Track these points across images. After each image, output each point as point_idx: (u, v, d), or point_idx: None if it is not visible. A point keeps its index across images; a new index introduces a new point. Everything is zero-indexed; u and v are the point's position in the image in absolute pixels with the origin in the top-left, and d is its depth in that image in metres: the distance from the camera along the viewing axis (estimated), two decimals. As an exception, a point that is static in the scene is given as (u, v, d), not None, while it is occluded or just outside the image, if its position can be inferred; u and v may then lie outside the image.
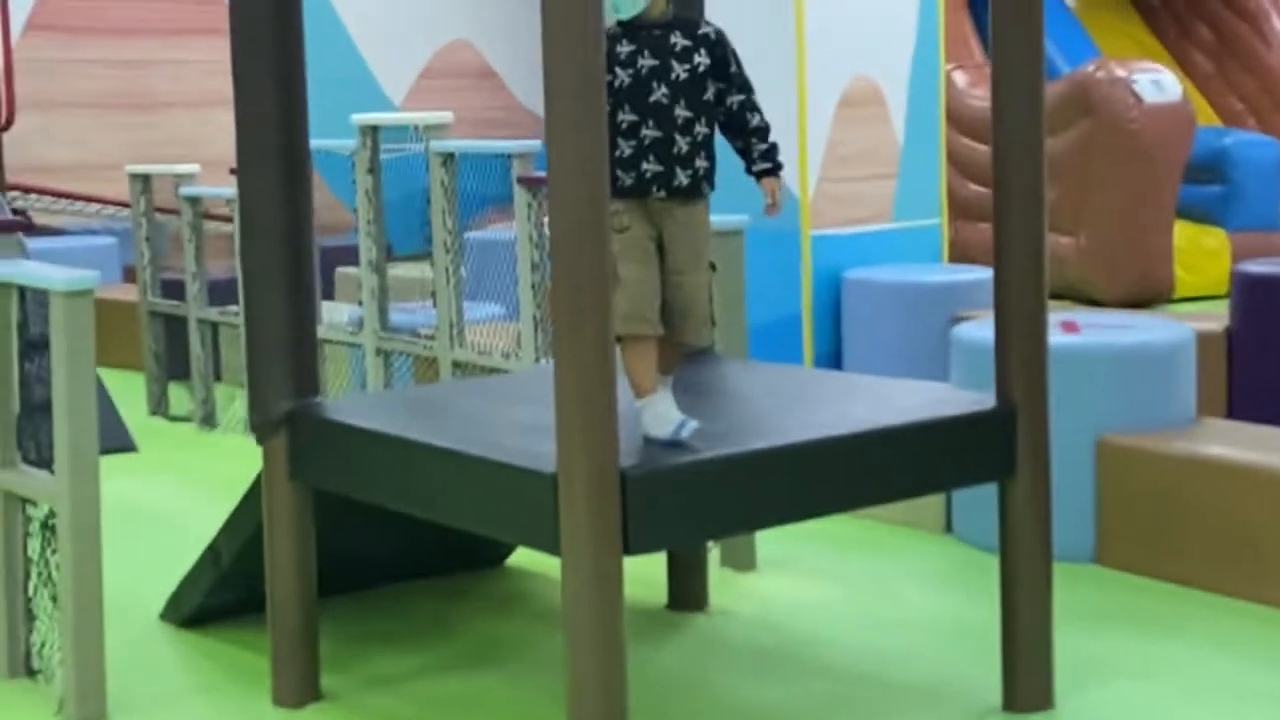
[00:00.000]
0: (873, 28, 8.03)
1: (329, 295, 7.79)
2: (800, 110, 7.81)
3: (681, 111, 3.64)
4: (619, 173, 3.59)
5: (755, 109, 3.74)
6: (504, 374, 5.20)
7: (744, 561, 5.17)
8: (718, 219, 5.00)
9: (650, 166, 3.62)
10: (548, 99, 3.22)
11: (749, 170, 3.78)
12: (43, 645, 4.31)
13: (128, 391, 7.96)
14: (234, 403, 7.32)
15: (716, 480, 3.45)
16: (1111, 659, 4.31)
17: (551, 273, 3.27)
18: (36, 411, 4.21)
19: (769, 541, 5.27)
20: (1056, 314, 5.83)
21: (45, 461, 4.17)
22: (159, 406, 7.89)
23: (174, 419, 7.78)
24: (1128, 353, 5.11)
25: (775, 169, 3.77)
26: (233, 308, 7.23)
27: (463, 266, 6.16)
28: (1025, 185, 3.82)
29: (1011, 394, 3.87)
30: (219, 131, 10.95)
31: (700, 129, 3.66)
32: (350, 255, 7.00)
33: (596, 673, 3.29)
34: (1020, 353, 3.86)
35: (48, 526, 4.21)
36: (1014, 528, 3.89)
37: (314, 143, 6.71)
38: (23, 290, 4.23)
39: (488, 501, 3.53)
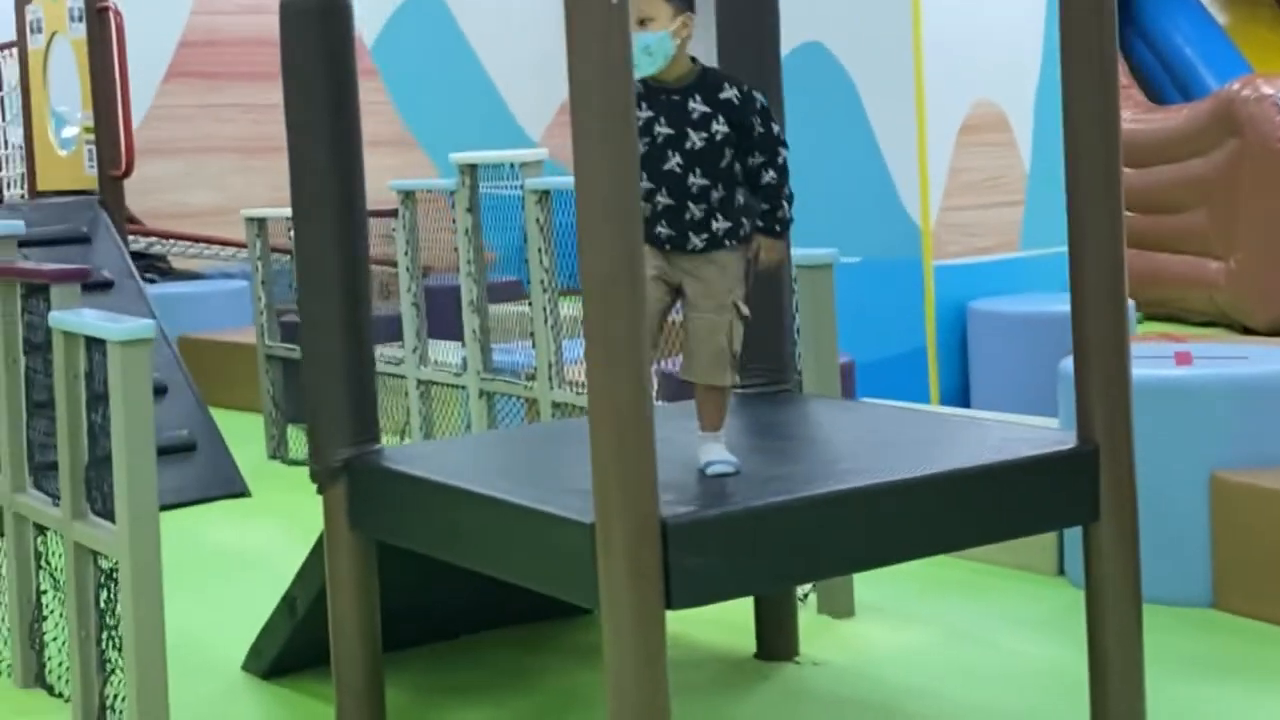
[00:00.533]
0: (995, 51, 7.81)
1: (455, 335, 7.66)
2: (920, 137, 7.61)
3: (696, 180, 3.52)
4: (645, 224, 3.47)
5: (771, 167, 3.57)
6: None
7: (841, 607, 4.98)
8: (805, 253, 4.86)
9: (663, 230, 3.54)
10: (575, 143, 3.09)
11: (753, 227, 3.64)
12: (116, 697, 4.26)
13: (248, 434, 7.98)
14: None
15: (766, 528, 3.28)
16: (1218, 711, 4.06)
17: (584, 320, 3.13)
18: (103, 463, 4.17)
19: (868, 585, 5.08)
20: (1171, 345, 5.58)
21: (109, 513, 4.12)
22: (277, 450, 7.88)
23: (291, 463, 7.76)
24: (1243, 384, 4.84)
25: (768, 230, 3.61)
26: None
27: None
28: (1100, 208, 3.61)
29: (1093, 432, 3.65)
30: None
31: (717, 194, 3.54)
32: (497, 292, 6.82)
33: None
34: (1101, 388, 3.64)
35: (112, 578, 4.16)
36: (1100, 575, 3.66)
37: (414, 182, 6.69)
38: (89, 340, 4.19)
39: (528, 552, 3.40)
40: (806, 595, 5.05)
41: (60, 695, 4.59)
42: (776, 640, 4.61)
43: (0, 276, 4.71)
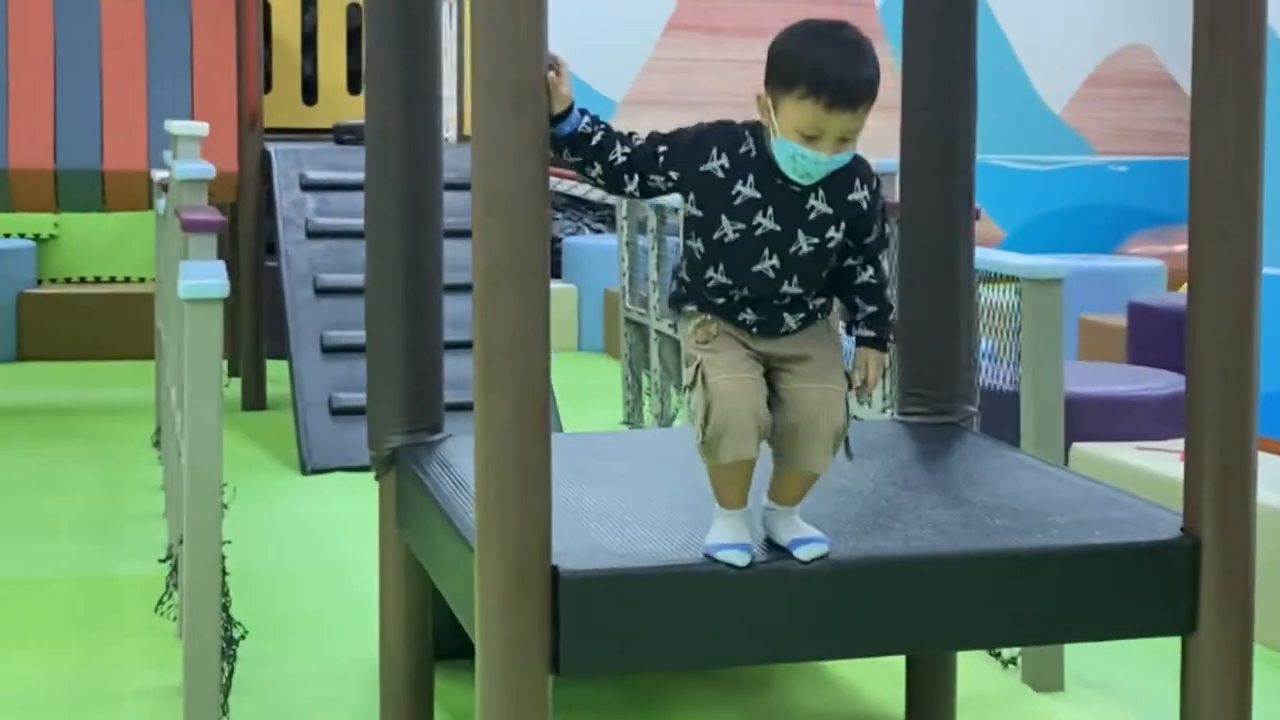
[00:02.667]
0: None
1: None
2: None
3: (790, 289, 2.81)
4: (705, 294, 2.83)
5: (873, 264, 2.87)
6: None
7: (1048, 679, 4.26)
8: (1032, 262, 4.18)
9: (748, 317, 2.82)
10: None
11: (848, 330, 2.93)
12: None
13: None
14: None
15: (689, 595, 2.72)
16: None
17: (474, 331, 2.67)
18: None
19: (1089, 657, 4.33)
20: None
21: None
22: (631, 416, 7.63)
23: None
24: None
25: (877, 340, 2.90)
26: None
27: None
28: (1225, 255, 2.82)
29: (1198, 525, 2.87)
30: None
31: (811, 301, 2.84)
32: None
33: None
34: (1215, 468, 2.86)
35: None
36: (1194, 696, 2.89)
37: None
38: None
39: (456, 579, 2.97)
40: (1014, 659, 4.35)
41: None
42: (925, 708, 3.96)
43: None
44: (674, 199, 3.15)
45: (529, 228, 2.64)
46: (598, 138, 2.78)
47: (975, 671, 4.31)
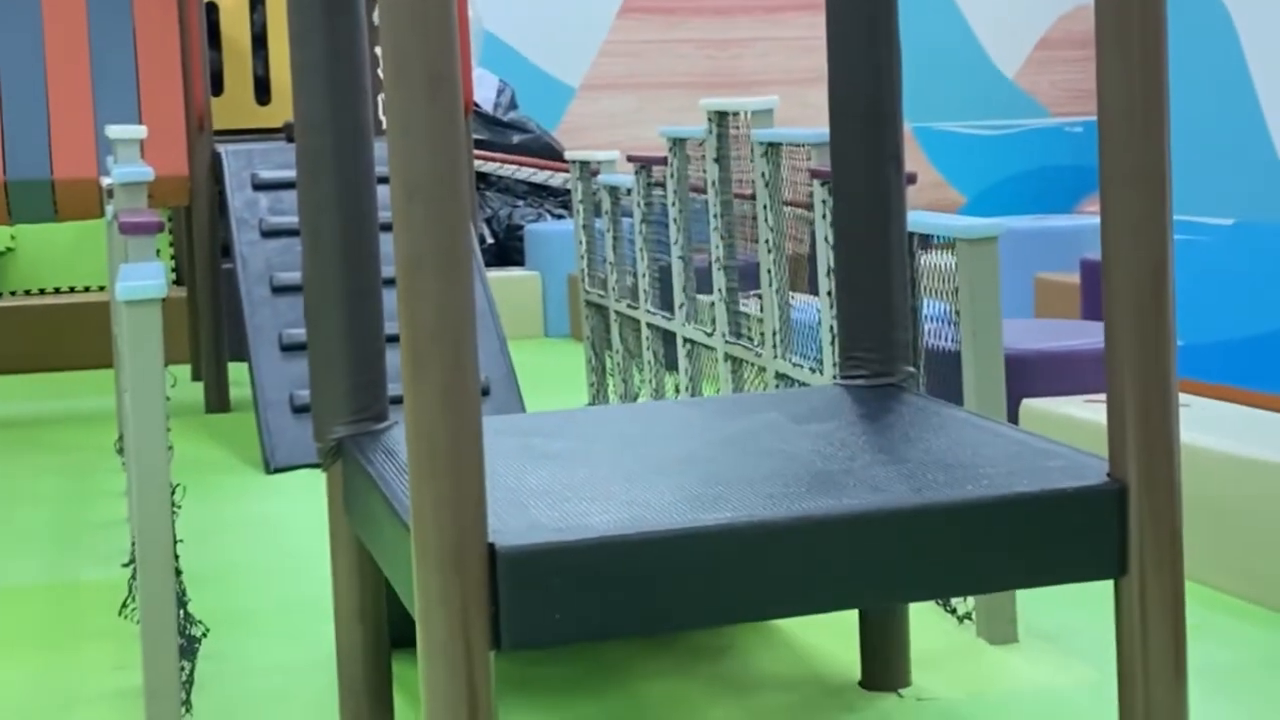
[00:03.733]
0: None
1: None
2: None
3: None
4: None
5: None
6: (794, 389, 4.54)
7: (1002, 632, 4.31)
8: (967, 222, 4.24)
9: None
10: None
11: None
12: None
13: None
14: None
15: (627, 565, 2.76)
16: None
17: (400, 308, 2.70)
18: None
19: (1043, 609, 4.38)
20: None
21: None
22: (596, 396, 7.66)
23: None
24: None
25: None
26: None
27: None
28: (1137, 191, 2.87)
29: (1124, 469, 2.92)
30: (806, 111, 10.59)
31: None
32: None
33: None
34: (1135, 416, 2.91)
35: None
36: (1129, 639, 2.94)
37: (684, 130, 6.20)
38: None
39: (398, 562, 3.01)
40: (969, 614, 4.40)
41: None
42: (879, 666, 4.01)
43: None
44: (627, 179, 3.19)
45: (449, 212, 2.67)
46: None
47: (930, 628, 4.36)
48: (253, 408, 7.28)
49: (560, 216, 11.76)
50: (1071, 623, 4.37)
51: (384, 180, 4.01)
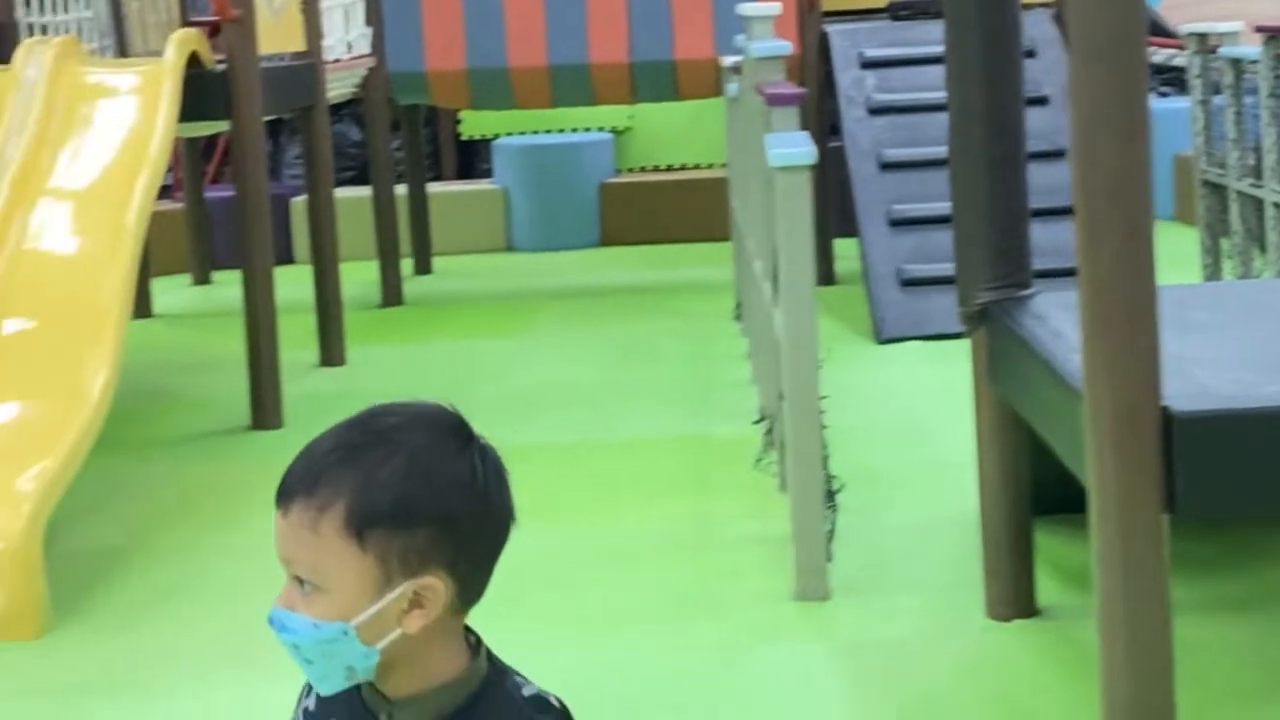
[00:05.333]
0: None
1: None
2: None
3: None
4: None
5: None
6: None
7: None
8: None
9: None
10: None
11: None
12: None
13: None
14: None
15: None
16: None
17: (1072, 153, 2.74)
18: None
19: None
20: None
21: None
22: (1213, 274, 7.45)
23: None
24: None
25: None
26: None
27: None
28: None
29: None
30: None
31: None
32: None
33: (1127, 663, 2.75)
34: None
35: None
36: None
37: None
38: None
39: (1062, 427, 3.07)
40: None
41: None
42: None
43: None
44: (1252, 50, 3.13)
45: (1128, 75, 2.69)
46: None
47: None
48: (859, 281, 7.45)
49: (1164, 94, 11.40)
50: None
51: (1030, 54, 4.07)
